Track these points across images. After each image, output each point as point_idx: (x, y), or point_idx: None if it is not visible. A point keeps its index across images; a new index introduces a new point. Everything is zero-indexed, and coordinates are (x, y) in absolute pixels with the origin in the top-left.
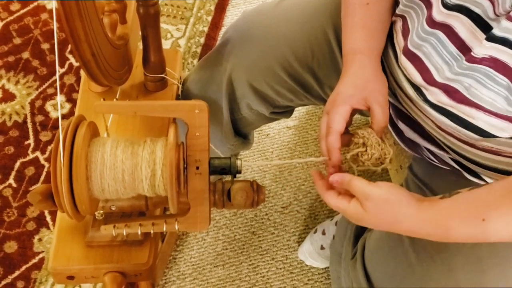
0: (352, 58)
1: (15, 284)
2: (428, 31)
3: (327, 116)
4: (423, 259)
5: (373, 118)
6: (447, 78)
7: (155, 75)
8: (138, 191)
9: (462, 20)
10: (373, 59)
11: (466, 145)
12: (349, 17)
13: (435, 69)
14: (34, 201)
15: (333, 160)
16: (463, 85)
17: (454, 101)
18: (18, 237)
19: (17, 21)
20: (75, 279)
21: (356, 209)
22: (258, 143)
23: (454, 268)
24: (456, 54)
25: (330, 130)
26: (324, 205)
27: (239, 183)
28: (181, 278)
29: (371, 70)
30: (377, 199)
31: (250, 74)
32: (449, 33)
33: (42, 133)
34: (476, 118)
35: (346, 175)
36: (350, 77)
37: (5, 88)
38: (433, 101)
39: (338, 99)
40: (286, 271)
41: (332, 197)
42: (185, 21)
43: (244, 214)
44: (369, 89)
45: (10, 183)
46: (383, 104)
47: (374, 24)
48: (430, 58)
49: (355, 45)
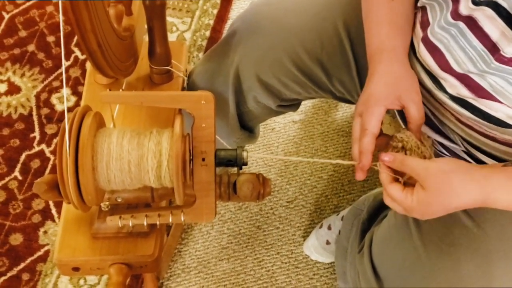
0: (380, 56)
1: (20, 276)
2: (451, 22)
3: (359, 118)
4: (432, 252)
5: (409, 118)
6: (468, 71)
7: (160, 67)
8: (144, 182)
9: (487, 13)
10: (401, 57)
11: (486, 139)
12: (373, 14)
13: (454, 60)
14: (39, 191)
15: (364, 163)
16: (487, 81)
17: (476, 96)
18: (24, 229)
19: (22, 14)
20: (80, 270)
21: (419, 198)
22: (263, 137)
23: (463, 260)
24: (482, 50)
25: (365, 132)
26: (330, 199)
27: (246, 175)
28: (186, 271)
29: (400, 68)
30: (435, 172)
31: (258, 66)
32: (473, 26)
33: (48, 126)
34: (497, 111)
35: (398, 154)
36: (380, 76)
37: (10, 80)
38: (453, 93)
39: (371, 100)
40: (291, 266)
41: (397, 190)
42: (191, 14)
43: (249, 209)
44: (401, 87)
45: (16, 176)
46: (418, 101)
47: (400, 20)
48: (449, 49)
49: (382, 43)
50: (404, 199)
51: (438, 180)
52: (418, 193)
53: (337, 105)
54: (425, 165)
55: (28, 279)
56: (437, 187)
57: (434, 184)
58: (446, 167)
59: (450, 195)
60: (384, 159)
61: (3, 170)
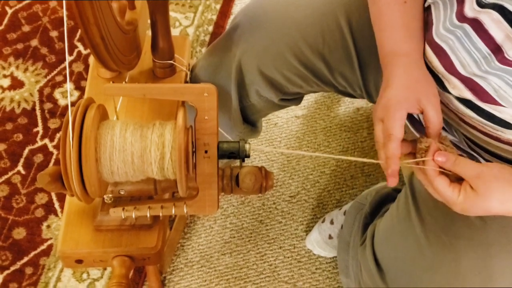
0: (396, 60)
1: (23, 270)
2: (456, 24)
3: (381, 124)
4: (434, 244)
5: (428, 122)
6: (473, 74)
7: (163, 61)
8: (147, 174)
9: (493, 17)
10: (418, 60)
11: (490, 139)
12: (385, 17)
13: (459, 62)
14: (43, 183)
15: (394, 168)
16: (491, 85)
17: (479, 99)
18: (27, 223)
19: (25, 9)
20: (83, 262)
21: (466, 196)
22: (266, 132)
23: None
24: (486, 52)
25: (390, 138)
26: (333, 194)
27: (248, 167)
28: (189, 265)
29: (418, 71)
30: (487, 175)
31: (259, 60)
32: (478, 28)
33: (51, 121)
34: (502, 112)
35: (451, 155)
36: (399, 79)
37: (13, 75)
38: (456, 94)
39: (391, 104)
40: (293, 260)
41: (444, 183)
42: (194, 9)
43: (252, 203)
44: (420, 90)
45: (19, 170)
46: (436, 105)
47: (414, 23)
48: (455, 51)
49: (397, 46)
50: (451, 193)
51: (491, 185)
52: (466, 191)
53: (339, 100)
54: (479, 169)
55: (31, 273)
56: (488, 192)
57: (485, 189)
58: (499, 173)
59: (498, 202)
60: (437, 159)
61: (6, 164)
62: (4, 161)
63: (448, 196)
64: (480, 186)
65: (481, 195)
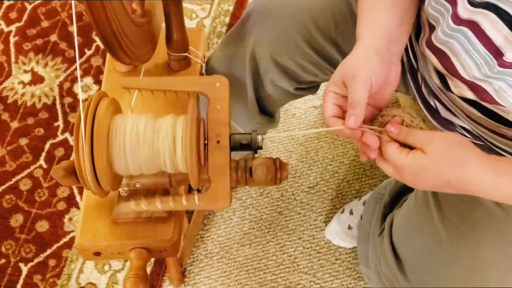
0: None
1: (47, 262)
2: (454, 28)
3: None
4: (452, 234)
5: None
6: (474, 77)
7: (178, 54)
8: (160, 167)
9: (489, 18)
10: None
11: (496, 135)
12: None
13: (461, 65)
14: (57, 177)
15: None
16: (492, 86)
17: (480, 99)
18: (49, 216)
19: (44, 5)
20: (101, 255)
21: (415, 158)
22: (284, 122)
23: (483, 243)
24: (486, 55)
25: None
26: (352, 185)
27: (260, 158)
28: (209, 256)
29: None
30: (441, 140)
31: (272, 48)
32: (476, 31)
33: (71, 115)
34: (505, 112)
35: (404, 127)
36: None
37: (34, 70)
38: (457, 93)
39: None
40: (313, 251)
41: (393, 147)
42: (210, 1)
43: (271, 194)
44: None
45: (41, 164)
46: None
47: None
48: (458, 56)
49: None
50: (398, 155)
51: (442, 147)
52: (416, 154)
53: None
54: (431, 133)
55: (54, 265)
56: (439, 153)
57: (436, 150)
58: (451, 137)
59: (449, 164)
60: (390, 130)
61: (29, 159)
62: (26, 155)
63: (396, 157)
64: (429, 147)
65: (433, 157)
